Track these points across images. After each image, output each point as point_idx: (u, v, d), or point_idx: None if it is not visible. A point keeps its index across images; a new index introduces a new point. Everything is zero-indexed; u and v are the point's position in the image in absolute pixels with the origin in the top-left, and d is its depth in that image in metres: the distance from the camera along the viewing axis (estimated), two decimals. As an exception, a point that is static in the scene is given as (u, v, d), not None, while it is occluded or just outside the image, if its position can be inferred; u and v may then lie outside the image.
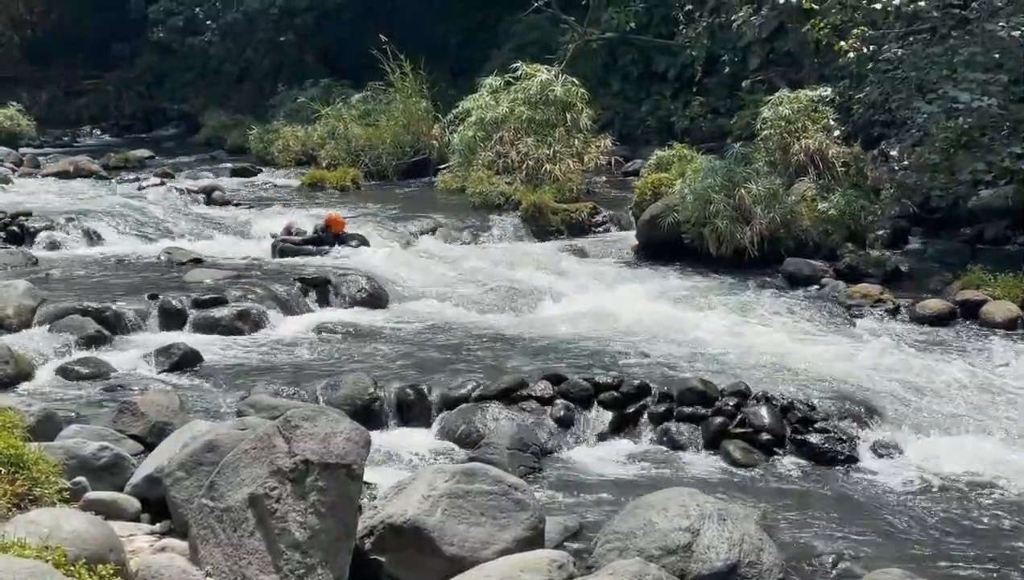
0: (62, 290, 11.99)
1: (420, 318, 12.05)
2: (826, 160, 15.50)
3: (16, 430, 6.13)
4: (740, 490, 7.59)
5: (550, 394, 9.00)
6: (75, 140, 32.01)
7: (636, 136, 24.39)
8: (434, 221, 16.66)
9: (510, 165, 18.46)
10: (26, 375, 9.37)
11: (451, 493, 5.64)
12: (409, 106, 22.39)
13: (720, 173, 14.72)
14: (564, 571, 5.22)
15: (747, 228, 14.18)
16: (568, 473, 8.00)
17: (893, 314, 12.12)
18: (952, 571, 6.18)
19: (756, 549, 5.85)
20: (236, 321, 11.36)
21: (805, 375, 9.71)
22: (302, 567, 4.97)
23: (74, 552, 4.55)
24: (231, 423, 6.54)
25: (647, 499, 6.13)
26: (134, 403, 8.08)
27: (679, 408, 8.83)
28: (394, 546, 5.47)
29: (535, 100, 19.21)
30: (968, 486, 7.70)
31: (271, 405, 8.13)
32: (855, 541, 6.63)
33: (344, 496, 5.15)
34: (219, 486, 5.19)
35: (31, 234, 15.05)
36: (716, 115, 23.11)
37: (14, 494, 5.29)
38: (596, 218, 17.34)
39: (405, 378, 9.38)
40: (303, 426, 5.21)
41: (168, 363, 9.89)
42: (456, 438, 8.58)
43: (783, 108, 16.07)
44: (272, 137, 24.64)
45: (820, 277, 13.50)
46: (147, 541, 5.70)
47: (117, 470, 6.61)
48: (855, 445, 8.37)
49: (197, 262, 13.83)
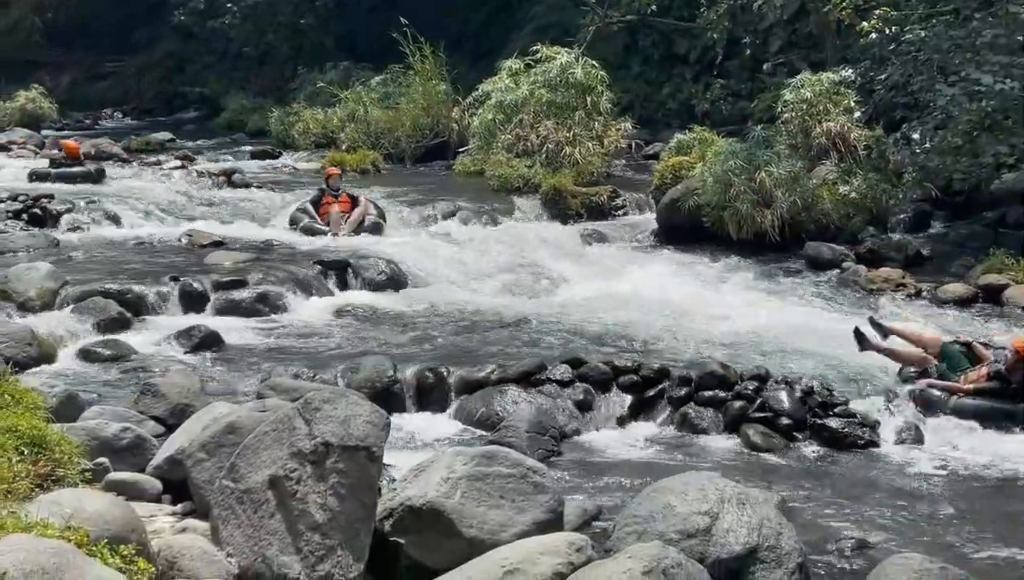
0: (84, 272, 12.04)
1: (439, 301, 12.07)
2: (847, 143, 15.41)
3: (39, 411, 6.17)
4: (759, 474, 7.58)
5: (569, 377, 9.00)
6: (96, 123, 32.11)
7: (656, 119, 24.28)
8: (453, 204, 16.65)
9: (530, 148, 18.41)
10: (49, 357, 9.42)
11: (470, 476, 5.64)
12: (429, 89, 22.35)
13: (741, 156, 14.66)
14: (583, 554, 5.22)
15: (768, 212, 14.13)
16: (587, 456, 8.01)
17: (914, 298, 12.06)
18: (972, 556, 6.16)
19: (775, 533, 5.84)
20: (256, 303, 11.41)
21: (825, 359, 9.68)
22: (322, 548, 4.99)
23: (96, 532, 4.58)
24: (252, 405, 6.56)
25: (666, 483, 6.13)
26: (155, 385, 8.11)
27: (698, 392, 8.82)
28: (413, 528, 5.49)
29: (555, 83, 19.14)
30: (988, 471, 7.68)
31: (291, 387, 8.16)
32: (875, 526, 6.62)
33: (364, 478, 5.16)
34: (240, 467, 5.22)
35: (53, 216, 15.10)
36: (737, 98, 22.98)
37: (37, 474, 5.32)
38: (616, 201, 17.29)
39: (424, 361, 9.40)
40: (323, 408, 5.23)
41: (189, 345, 9.94)
42: (475, 421, 8.61)
43: (804, 91, 15.98)
44: (292, 120, 24.66)
45: (841, 261, 13.44)
46: (168, 522, 5.73)
47: (139, 451, 6.65)
48: (875, 430, 8.35)
49: (218, 245, 13.87)
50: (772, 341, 10.30)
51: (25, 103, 27.72)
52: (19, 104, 27.63)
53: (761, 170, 14.36)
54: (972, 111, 13.00)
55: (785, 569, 5.71)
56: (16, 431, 5.52)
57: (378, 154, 21.26)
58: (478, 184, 18.32)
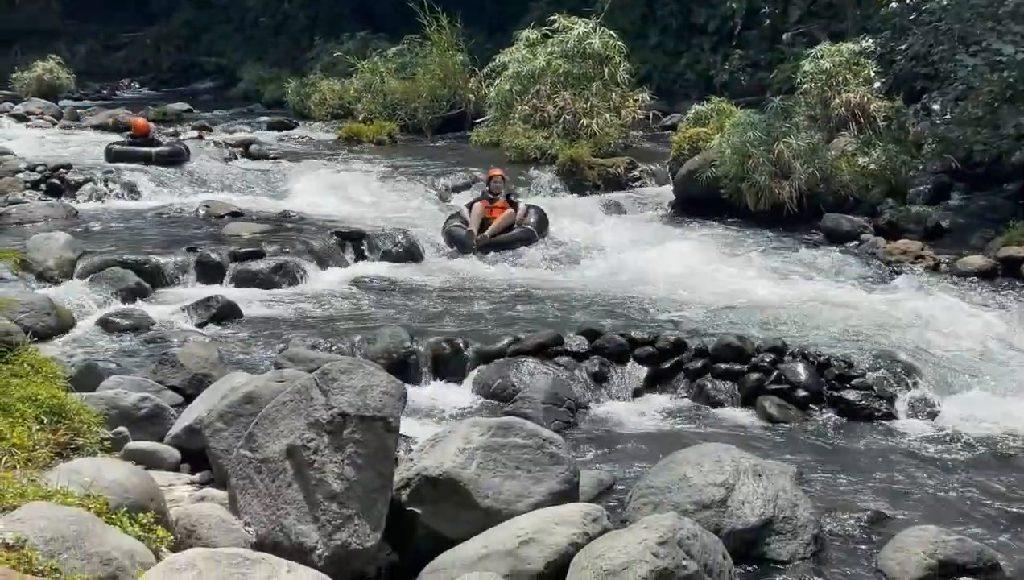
0: (102, 243, 12.10)
1: (455, 273, 12.09)
2: (867, 114, 15.31)
3: (58, 380, 6.22)
4: (775, 446, 7.58)
5: (586, 349, 9.01)
6: (114, 93, 32.17)
7: (674, 90, 24.17)
8: (470, 175, 16.63)
9: (547, 119, 18.36)
10: (67, 327, 9.48)
11: (486, 446, 5.67)
12: (445, 60, 22.29)
13: (759, 127, 14.57)
14: (598, 524, 5.24)
15: (786, 183, 14.05)
16: (603, 428, 8.02)
17: (933, 271, 12.01)
18: (988, 529, 6.15)
19: (791, 505, 5.85)
20: (273, 274, 11.45)
21: (843, 332, 9.65)
22: (339, 517, 5.02)
23: (115, 501, 4.61)
24: (269, 375, 6.58)
25: (682, 454, 6.14)
26: (174, 355, 8.16)
27: (715, 364, 8.81)
28: (430, 498, 5.52)
29: (572, 53, 19.05)
30: (1007, 445, 7.65)
31: (308, 358, 8.18)
32: (891, 498, 6.61)
33: (380, 448, 5.18)
34: (257, 437, 5.24)
35: (71, 187, 15.16)
36: (756, 68, 22.84)
37: (56, 443, 5.36)
38: (633, 173, 17.25)
39: (441, 332, 9.41)
40: (340, 379, 5.24)
41: (207, 315, 9.98)
42: (491, 392, 8.62)
43: (824, 61, 15.87)
44: (309, 91, 24.65)
45: (859, 233, 13.37)
46: (187, 491, 5.77)
47: (157, 421, 6.69)
48: (892, 402, 8.33)
49: (235, 215, 13.91)
50: (789, 313, 10.27)
51: (42, 73, 27.76)
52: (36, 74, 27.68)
53: (779, 141, 14.27)
54: (993, 81, 12.88)
55: (800, 540, 5.73)
56: (36, 400, 5.56)
57: (395, 125, 21.24)
58: (495, 155, 18.27)
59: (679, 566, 4.82)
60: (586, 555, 4.91)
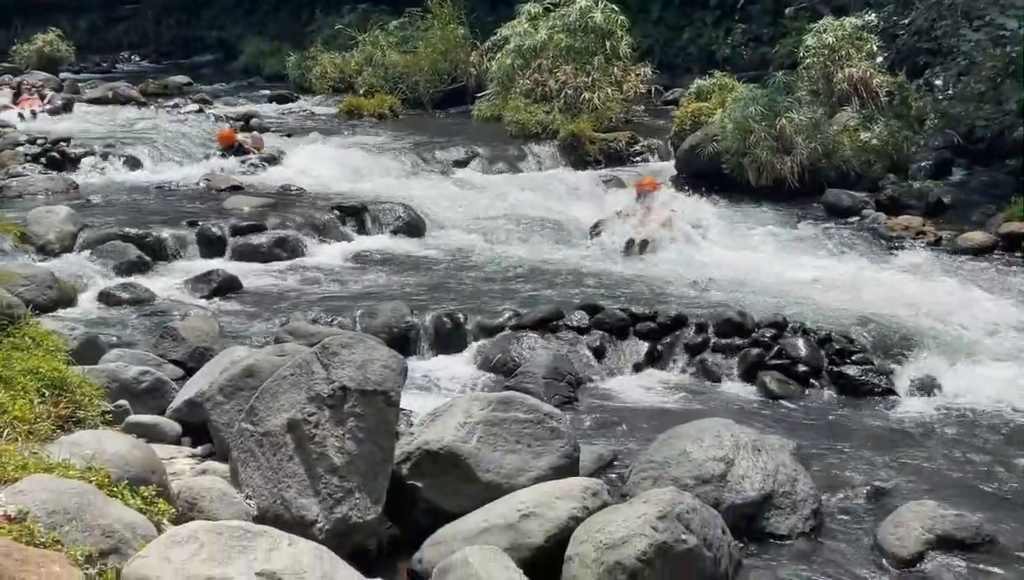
0: (103, 216, 12.08)
1: (457, 247, 12.07)
2: (869, 89, 15.23)
3: (59, 353, 6.23)
4: (775, 421, 7.60)
5: (586, 324, 9.02)
6: (114, 66, 32.00)
7: (676, 64, 24.04)
8: (471, 150, 16.59)
9: (548, 93, 18.27)
10: (68, 300, 9.48)
11: (487, 421, 5.68)
12: (447, 33, 22.17)
13: (761, 102, 14.50)
14: (598, 499, 5.27)
15: (787, 158, 14.00)
16: (603, 402, 8.04)
17: (934, 246, 12.00)
18: (987, 505, 6.17)
19: (790, 479, 5.87)
20: (274, 248, 11.46)
21: (843, 307, 9.65)
22: (340, 491, 5.04)
23: (117, 474, 4.63)
24: (270, 349, 6.60)
25: (682, 429, 6.16)
26: (175, 328, 8.17)
27: (715, 339, 8.83)
28: (431, 472, 5.54)
29: (574, 27, 18.94)
30: (1007, 420, 7.66)
31: (309, 332, 8.20)
32: (890, 473, 6.64)
33: (381, 422, 5.20)
34: (259, 411, 5.26)
35: (71, 160, 15.11)
36: (758, 43, 22.71)
37: (58, 416, 5.38)
38: (635, 148, 17.18)
39: (442, 307, 9.42)
40: (341, 353, 5.25)
41: (208, 289, 9.99)
42: (492, 367, 8.64)
43: (827, 36, 15.77)
44: (309, 64, 24.52)
45: (861, 208, 13.33)
46: (188, 464, 5.80)
47: (158, 394, 6.72)
48: (892, 377, 8.35)
49: (236, 189, 13.87)
50: (790, 288, 10.28)
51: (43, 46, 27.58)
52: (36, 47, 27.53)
53: (781, 116, 14.21)
54: (996, 57, 12.82)
55: (800, 515, 5.76)
56: (37, 373, 5.58)
57: (396, 99, 21.14)
58: (496, 130, 18.21)
59: (678, 540, 4.84)
60: (586, 529, 4.94)
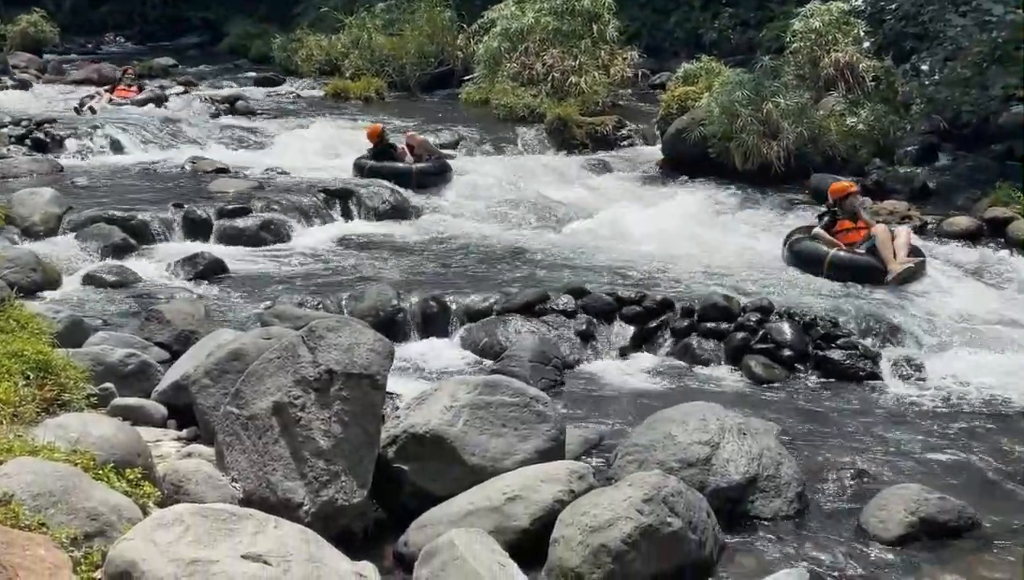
0: (88, 198, 12.03)
1: (443, 231, 12.07)
2: (856, 74, 15.27)
3: (44, 336, 6.20)
4: (761, 405, 7.63)
5: (572, 308, 9.02)
6: (99, 48, 31.80)
7: (663, 48, 24.04)
8: (457, 133, 16.56)
9: (535, 77, 18.27)
10: (53, 282, 9.44)
11: (473, 404, 5.69)
12: (433, 16, 22.12)
13: (748, 87, 14.52)
14: (584, 482, 5.28)
15: (774, 143, 14.03)
16: (589, 386, 8.06)
17: (920, 231, 12.03)
18: (970, 489, 6.20)
19: (775, 463, 5.89)
20: (260, 231, 11.43)
21: (828, 292, 9.70)
22: (326, 474, 5.04)
23: (102, 456, 4.63)
24: (256, 332, 6.58)
25: (667, 413, 6.17)
26: (160, 311, 8.16)
27: (701, 323, 8.84)
28: (417, 455, 5.54)
29: (561, 10, 18.93)
30: (989, 404, 7.72)
31: (295, 315, 8.19)
32: (875, 456, 6.67)
33: (367, 406, 5.20)
34: (244, 394, 5.25)
35: (56, 142, 15.04)
36: (745, 27, 22.73)
37: (43, 399, 5.36)
38: (621, 132, 17.19)
39: (428, 290, 9.41)
40: (327, 336, 5.25)
41: (193, 272, 9.96)
42: (478, 350, 8.64)
43: (814, 20, 15.81)
44: (296, 46, 24.44)
45: (847, 194, 13.35)
46: (174, 447, 5.79)
47: (144, 377, 6.70)
48: (877, 361, 8.38)
49: (221, 172, 13.82)
50: (775, 273, 10.30)
51: (27, 27, 27.39)
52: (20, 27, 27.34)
53: (768, 101, 14.23)
54: (982, 42, 12.85)
55: (784, 498, 5.78)
56: (22, 356, 5.55)
57: (382, 82, 21.10)
58: (483, 113, 18.20)
59: (664, 523, 4.86)
60: (571, 512, 4.95)
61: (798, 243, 10.80)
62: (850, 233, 10.71)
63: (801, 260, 10.64)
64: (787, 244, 10.92)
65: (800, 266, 10.59)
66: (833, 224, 10.81)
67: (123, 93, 18.95)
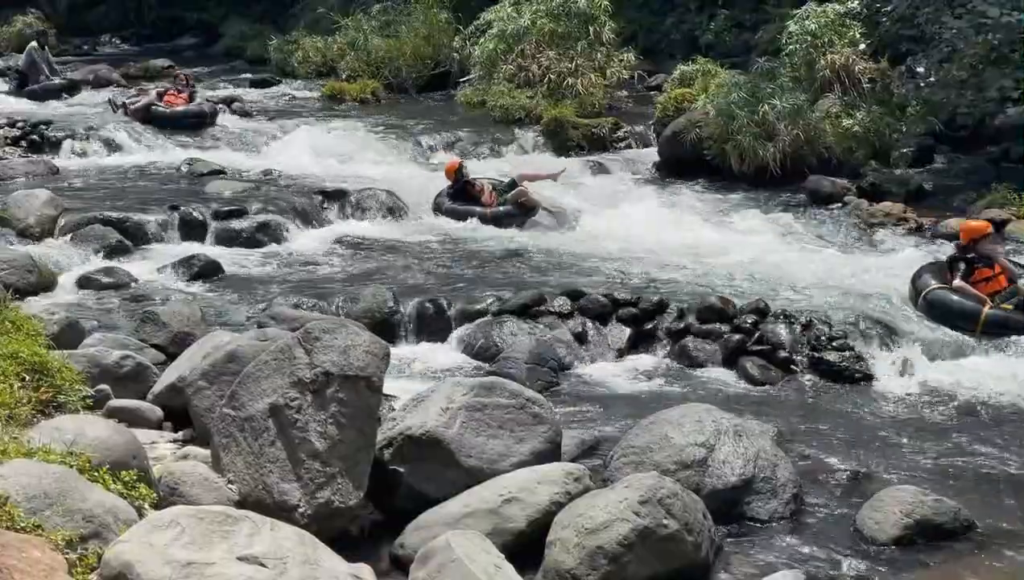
0: (83, 200, 12.02)
1: (439, 232, 12.06)
2: (852, 76, 15.26)
3: (40, 338, 6.21)
4: (756, 407, 7.62)
5: (568, 310, 9.02)
6: (95, 49, 31.77)
7: (660, 50, 23.99)
8: (454, 135, 16.55)
9: (532, 78, 18.26)
10: (49, 284, 9.45)
11: (469, 406, 5.69)
12: (430, 17, 22.09)
13: (744, 89, 14.53)
14: (580, 483, 5.29)
15: (770, 145, 14.04)
16: (585, 388, 8.05)
17: (915, 233, 12.04)
18: (965, 490, 6.21)
19: (771, 465, 5.90)
20: (256, 233, 11.43)
21: (824, 293, 9.68)
22: (322, 476, 5.04)
23: (98, 458, 4.62)
24: (252, 334, 6.59)
25: (663, 414, 6.18)
26: (156, 313, 8.15)
27: (697, 325, 8.84)
28: (413, 457, 5.55)
29: (558, 12, 18.92)
30: (984, 406, 7.71)
31: (291, 317, 8.19)
32: (870, 458, 6.67)
33: (363, 407, 5.20)
34: (240, 396, 5.25)
35: (52, 143, 15.02)
36: (741, 29, 22.69)
37: (38, 401, 5.36)
38: (617, 134, 17.17)
39: (424, 292, 9.42)
40: (323, 338, 5.25)
41: (189, 274, 9.96)
42: (474, 352, 8.64)
43: (809, 22, 15.79)
44: (292, 48, 24.38)
45: (843, 195, 13.36)
46: (170, 448, 5.79)
47: (140, 379, 6.70)
48: (872, 364, 8.38)
49: (218, 173, 13.81)
50: (771, 275, 10.30)
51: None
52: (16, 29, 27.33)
53: (764, 103, 14.24)
54: (978, 44, 12.86)
55: (780, 500, 5.79)
56: (17, 358, 5.55)
57: (378, 84, 21.07)
58: (480, 115, 18.18)
59: (660, 525, 4.87)
60: (568, 514, 4.96)
61: (939, 297, 9.25)
62: (990, 282, 9.30)
63: (946, 315, 9.19)
64: (923, 295, 9.33)
65: (943, 321, 9.18)
66: (971, 272, 9.34)
67: (171, 100, 17.19)
